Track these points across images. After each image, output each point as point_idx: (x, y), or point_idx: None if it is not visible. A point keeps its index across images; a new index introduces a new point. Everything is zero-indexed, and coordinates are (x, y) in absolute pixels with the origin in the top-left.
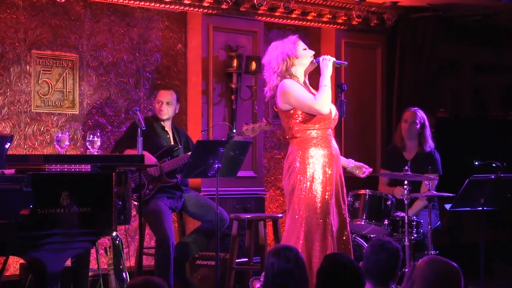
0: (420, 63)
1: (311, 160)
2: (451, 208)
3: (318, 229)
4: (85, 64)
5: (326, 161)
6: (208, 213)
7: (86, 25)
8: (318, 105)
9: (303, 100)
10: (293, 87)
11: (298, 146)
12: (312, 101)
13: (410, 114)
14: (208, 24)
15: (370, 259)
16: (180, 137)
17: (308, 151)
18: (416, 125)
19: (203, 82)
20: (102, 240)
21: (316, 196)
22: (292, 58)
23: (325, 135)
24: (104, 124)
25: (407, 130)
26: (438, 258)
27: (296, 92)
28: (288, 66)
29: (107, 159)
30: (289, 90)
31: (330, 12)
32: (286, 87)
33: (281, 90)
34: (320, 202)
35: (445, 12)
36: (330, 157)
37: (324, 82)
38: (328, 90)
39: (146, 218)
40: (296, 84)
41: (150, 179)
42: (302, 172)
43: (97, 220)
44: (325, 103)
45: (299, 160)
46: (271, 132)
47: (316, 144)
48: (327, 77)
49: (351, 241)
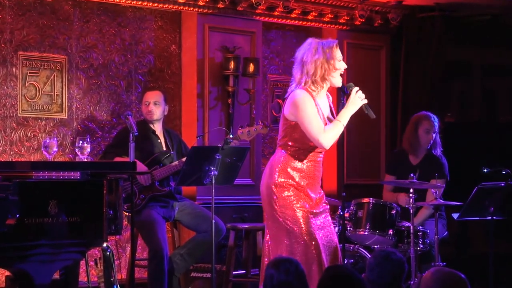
0: (426, 65)
1: (291, 171)
2: (459, 217)
3: (300, 241)
4: (74, 66)
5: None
6: (204, 223)
7: (75, 25)
8: (323, 139)
9: (309, 125)
10: (306, 104)
11: (284, 157)
12: (319, 132)
13: (430, 123)
14: (204, 24)
15: (374, 271)
16: (173, 142)
17: (291, 163)
18: (434, 134)
19: (198, 85)
20: (92, 251)
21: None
22: (331, 68)
23: (315, 158)
24: (94, 129)
25: (427, 139)
26: (444, 269)
27: (307, 112)
28: (326, 76)
29: (97, 166)
30: (300, 106)
31: (331, 12)
32: (298, 100)
33: (292, 100)
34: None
35: (452, 11)
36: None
37: (342, 118)
38: (341, 128)
39: (138, 228)
40: (310, 101)
41: (141, 188)
42: (281, 185)
43: (87, 230)
44: (331, 140)
45: (278, 169)
46: (269, 138)
47: (300, 159)
48: (347, 114)
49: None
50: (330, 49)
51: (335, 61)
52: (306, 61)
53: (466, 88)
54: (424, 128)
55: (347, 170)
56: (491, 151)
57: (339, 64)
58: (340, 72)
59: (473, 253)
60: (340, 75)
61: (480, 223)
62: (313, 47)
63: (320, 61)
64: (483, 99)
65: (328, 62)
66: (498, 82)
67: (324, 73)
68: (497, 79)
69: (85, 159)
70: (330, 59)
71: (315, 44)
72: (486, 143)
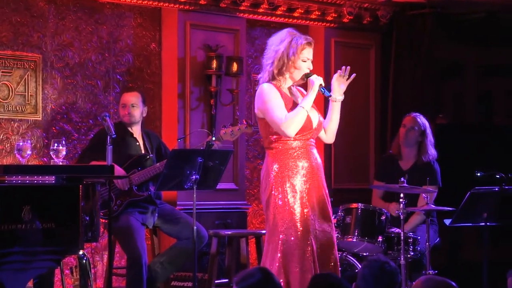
0: (418, 64)
1: (289, 173)
2: (451, 223)
3: (296, 248)
4: (49, 65)
5: (305, 173)
6: (185, 230)
7: (50, 22)
8: (284, 126)
9: (271, 114)
10: (268, 95)
11: (274, 157)
12: (280, 119)
13: (410, 119)
14: (185, 21)
15: (368, 281)
16: (152, 144)
17: (285, 163)
18: (414, 132)
19: (179, 85)
20: (67, 259)
21: (294, 212)
22: (289, 65)
23: (306, 146)
24: (70, 131)
25: (404, 135)
26: (436, 278)
27: (269, 102)
28: (283, 70)
29: (73, 170)
30: (262, 97)
31: (318, 9)
32: (260, 93)
33: (257, 95)
34: (299, 220)
35: (444, 8)
36: (310, 170)
37: (304, 103)
38: (303, 113)
39: (116, 235)
40: (272, 91)
41: (118, 193)
42: (277, 187)
43: (62, 237)
44: (294, 126)
45: (274, 174)
46: (254, 140)
47: (295, 156)
48: (309, 99)
49: (339, 264)
50: (297, 46)
51: (298, 60)
52: (269, 47)
53: (459, 89)
54: (402, 124)
55: (334, 174)
56: (485, 155)
57: (301, 64)
58: (302, 73)
59: (466, 261)
60: (305, 75)
61: (473, 229)
62: (282, 36)
63: (282, 53)
64: (477, 100)
65: (290, 57)
66: (493, 83)
67: (282, 67)
68: (492, 79)
69: (60, 163)
70: (292, 55)
71: (287, 35)
72: (480, 146)
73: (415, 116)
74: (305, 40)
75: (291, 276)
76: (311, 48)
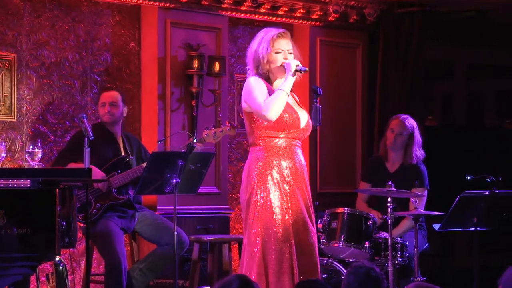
0: (406, 64)
1: (272, 172)
2: (440, 228)
3: (274, 250)
4: (24, 65)
5: (289, 173)
6: (165, 235)
7: (26, 20)
8: (265, 109)
9: (254, 102)
10: (252, 85)
11: (258, 155)
12: (260, 105)
13: (398, 123)
14: (165, 19)
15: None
16: (132, 147)
17: (268, 161)
18: (403, 137)
19: (159, 86)
20: (43, 265)
21: (275, 213)
22: (264, 63)
23: (291, 146)
24: (46, 133)
25: (392, 141)
26: (425, 284)
27: (254, 92)
28: (260, 70)
29: (49, 173)
30: (249, 88)
31: (303, 7)
32: (248, 84)
33: (244, 87)
34: (280, 221)
35: (433, 7)
36: (294, 171)
37: (282, 85)
38: (282, 95)
39: (94, 240)
40: (260, 83)
41: (97, 197)
42: (259, 185)
43: (37, 242)
44: (274, 108)
45: (257, 172)
46: (237, 142)
47: (279, 155)
48: (288, 82)
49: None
50: (268, 41)
51: (271, 54)
52: (248, 52)
53: (449, 90)
54: (389, 128)
55: (320, 178)
56: (475, 157)
57: (275, 57)
58: (278, 65)
59: (455, 267)
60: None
61: (463, 234)
62: (256, 37)
63: (255, 51)
64: (467, 101)
65: (263, 55)
66: (483, 84)
67: (258, 66)
68: (483, 80)
69: (36, 166)
70: (264, 51)
71: (260, 33)
72: (470, 148)
73: (403, 119)
74: (275, 32)
75: (269, 278)
76: (286, 38)
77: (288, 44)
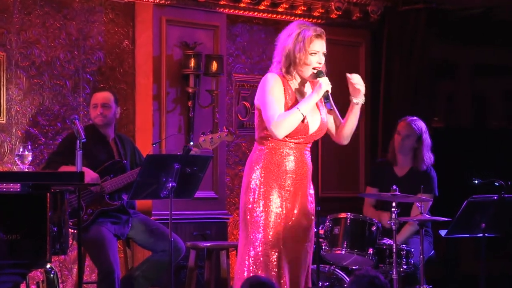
0: (410, 63)
1: (274, 174)
2: (447, 234)
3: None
4: (13, 64)
5: (292, 177)
6: (160, 241)
7: (15, 17)
8: (274, 126)
9: (265, 110)
10: (269, 86)
11: (263, 154)
12: (272, 117)
13: (405, 125)
14: (161, 16)
15: None
16: (126, 149)
17: (273, 162)
18: (410, 140)
19: (154, 86)
20: (34, 273)
21: (271, 215)
22: (300, 64)
23: (299, 149)
24: (37, 135)
25: (400, 144)
26: None
27: (267, 95)
28: (291, 69)
29: (40, 177)
30: (264, 90)
31: (304, 4)
32: (263, 82)
33: (260, 83)
34: (273, 223)
35: (439, 4)
36: (298, 176)
37: (301, 105)
38: (297, 116)
39: (86, 247)
40: (276, 84)
41: (89, 202)
42: (260, 185)
43: (27, 249)
44: (284, 127)
45: (259, 172)
46: (235, 145)
47: (284, 157)
48: (308, 102)
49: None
50: (304, 40)
51: (306, 55)
52: (277, 44)
53: (454, 90)
54: (397, 130)
55: (322, 182)
56: (482, 160)
57: (310, 59)
58: (311, 67)
59: (462, 274)
60: (313, 69)
61: (470, 241)
62: (290, 30)
63: (289, 49)
64: (472, 102)
65: (296, 54)
66: (489, 84)
67: (290, 65)
68: (488, 80)
69: (26, 169)
70: (298, 51)
71: (294, 28)
72: (476, 151)
73: (410, 121)
74: (313, 32)
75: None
76: (322, 40)
77: (323, 46)
